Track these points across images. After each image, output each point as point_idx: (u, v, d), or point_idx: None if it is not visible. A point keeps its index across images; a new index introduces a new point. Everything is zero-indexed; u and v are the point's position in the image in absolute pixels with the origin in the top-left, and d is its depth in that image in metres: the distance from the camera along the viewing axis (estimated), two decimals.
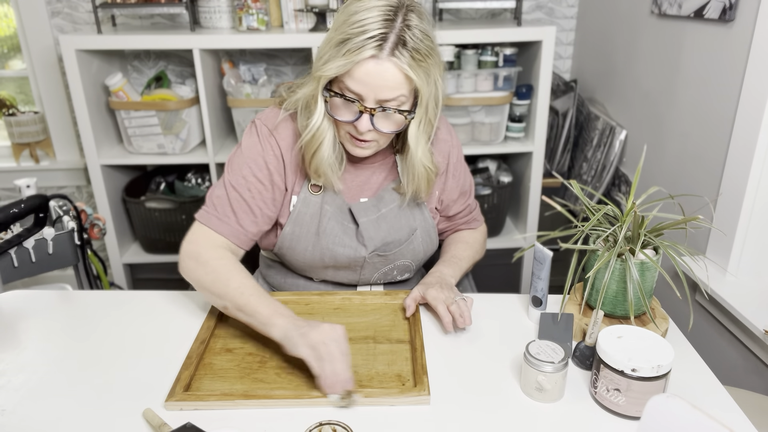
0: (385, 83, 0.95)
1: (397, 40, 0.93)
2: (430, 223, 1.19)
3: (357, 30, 0.93)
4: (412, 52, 0.94)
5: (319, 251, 1.12)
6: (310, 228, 1.12)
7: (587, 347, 0.95)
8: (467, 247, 1.25)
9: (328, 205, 1.11)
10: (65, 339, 1.02)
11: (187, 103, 2.02)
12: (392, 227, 1.14)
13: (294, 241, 1.12)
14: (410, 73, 0.94)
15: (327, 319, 1.07)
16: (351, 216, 1.13)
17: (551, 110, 2.23)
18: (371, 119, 0.98)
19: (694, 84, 1.57)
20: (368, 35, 0.92)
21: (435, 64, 0.99)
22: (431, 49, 0.97)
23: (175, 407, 0.85)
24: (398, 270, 1.20)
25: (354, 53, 0.93)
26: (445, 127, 1.20)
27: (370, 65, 0.94)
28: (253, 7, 1.95)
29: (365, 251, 1.12)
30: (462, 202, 1.26)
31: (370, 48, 0.92)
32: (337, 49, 0.94)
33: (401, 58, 0.93)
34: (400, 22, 0.94)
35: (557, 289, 1.03)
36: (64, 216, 1.54)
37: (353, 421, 0.82)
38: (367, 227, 1.12)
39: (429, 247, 1.21)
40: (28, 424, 0.82)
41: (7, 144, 2.44)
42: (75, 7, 2.22)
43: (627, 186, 1.97)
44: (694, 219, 0.94)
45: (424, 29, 0.96)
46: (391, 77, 0.94)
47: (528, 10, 2.33)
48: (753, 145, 1.33)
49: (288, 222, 1.12)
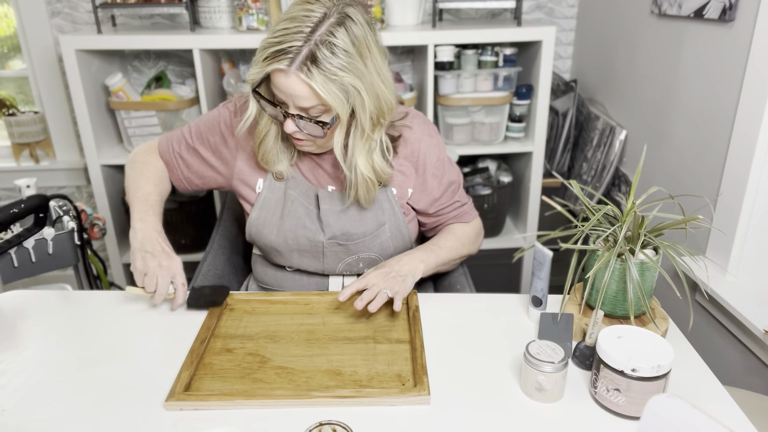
0: (296, 94, 0.98)
1: (308, 55, 0.94)
2: (401, 219, 1.20)
3: (276, 40, 0.95)
4: (323, 68, 0.95)
5: (283, 234, 1.17)
6: (275, 212, 1.17)
7: (587, 347, 0.95)
8: (452, 238, 1.25)
9: (292, 190, 1.17)
10: (65, 339, 1.02)
11: (187, 103, 2.02)
12: (356, 219, 1.16)
13: (260, 225, 1.18)
14: (317, 89, 0.96)
15: (327, 318, 1.07)
16: (316, 201, 1.17)
17: (551, 110, 2.23)
18: (295, 123, 1.02)
19: (694, 84, 1.57)
20: (282, 47, 0.95)
21: (358, 76, 0.97)
22: (350, 63, 0.96)
23: (175, 407, 0.85)
24: (364, 263, 1.21)
25: (267, 62, 0.96)
26: (420, 127, 1.20)
27: (278, 77, 0.97)
28: (253, 7, 1.95)
29: (323, 236, 1.16)
30: (448, 197, 1.25)
31: (281, 61, 0.95)
32: (260, 54, 0.98)
33: (309, 74, 0.95)
34: (318, 36, 0.94)
35: (557, 289, 1.03)
36: (64, 216, 1.54)
37: (353, 421, 0.82)
38: (328, 214, 1.16)
39: (399, 243, 1.22)
40: (28, 424, 0.82)
41: (7, 144, 2.44)
42: (75, 7, 2.22)
43: (627, 186, 1.97)
44: (694, 219, 0.94)
45: (345, 44, 0.95)
46: (300, 90, 0.97)
47: (528, 10, 2.33)
48: (753, 145, 1.33)
49: (254, 207, 1.19)
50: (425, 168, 1.20)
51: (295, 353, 0.97)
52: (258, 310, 1.10)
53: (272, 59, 0.95)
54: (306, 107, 0.99)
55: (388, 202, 1.18)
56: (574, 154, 2.29)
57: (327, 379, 0.91)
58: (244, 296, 1.14)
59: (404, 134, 1.17)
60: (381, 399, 0.86)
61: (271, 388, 0.89)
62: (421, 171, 1.20)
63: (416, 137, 1.18)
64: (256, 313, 1.10)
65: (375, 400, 0.86)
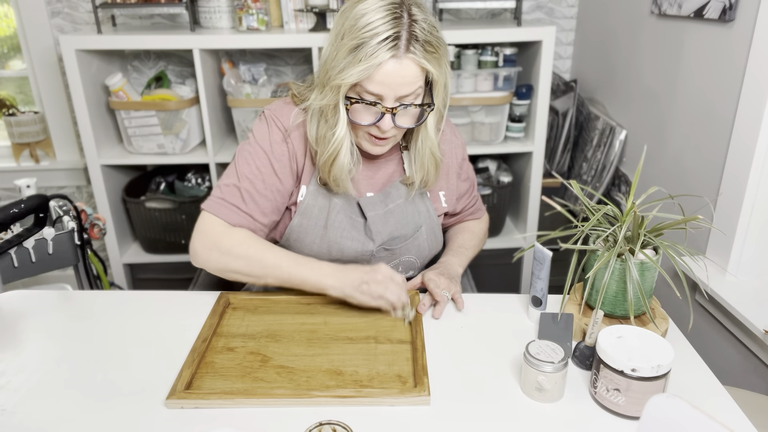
0: (404, 80, 0.97)
1: (409, 36, 0.95)
2: (435, 221, 1.21)
3: (369, 33, 0.94)
4: (424, 44, 0.97)
5: (327, 244, 1.13)
6: (318, 221, 1.13)
7: (587, 347, 0.95)
8: (473, 237, 1.30)
9: (336, 198, 1.13)
10: (65, 339, 1.02)
11: (187, 103, 2.02)
12: (399, 222, 1.16)
13: (302, 233, 1.13)
14: (427, 65, 0.98)
15: (328, 319, 1.07)
16: (359, 210, 1.14)
17: (551, 110, 2.23)
18: (393, 118, 1.01)
19: (694, 84, 1.57)
20: (382, 37, 0.94)
21: (444, 52, 1.02)
22: (439, 38, 1.00)
23: (176, 405, 0.85)
24: (403, 266, 1.21)
25: (372, 57, 0.94)
26: (449, 127, 1.22)
27: (389, 65, 0.96)
28: (253, 7, 1.95)
29: (373, 245, 1.14)
30: (468, 196, 1.30)
31: (387, 49, 0.94)
32: (352, 55, 0.95)
33: (417, 52, 0.96)
34: (407, 18, 0.96)
35: (557, 289, 1.03)
36: (64, 216, 1.54)
37: (353, 421, 0.82)
38: (375, 221, 1.14)
39: (434, 245, 1.22)
40: (28, 424, 0.82)
41: (7, 144, 2.44)
42: (75, 7, 2.22)
43: (627, 186, 1.97)
44: (694, 219, 0.94)
45: (429, 20, 0.99)
46: (410, 73, 0.97)
47: (528, 10, 2.33)
48: (753, 145, 1.33)
49: (296, 214, 1.13)
50: (453, 168, 1.22)
51: (296, 353, 0.97)
52: (260, 309, 1.10)
53: (376, 51, 0.94)
54: (406, 94, 0.99)
55: (423, 204, 1.19)
56: (574, 154, 2.29)
57: (327, 379, 0.91)
58: (247, 295, 1.14)
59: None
60: (381, 399, 0.86)
61: (272, 388, 0.89)
62: (451, 172, 1.22)
63: (446, 138, 1.21)
64: (258, 312, 1.10)
65: (375, 400, 0.86)
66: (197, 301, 1.13)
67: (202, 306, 1.12)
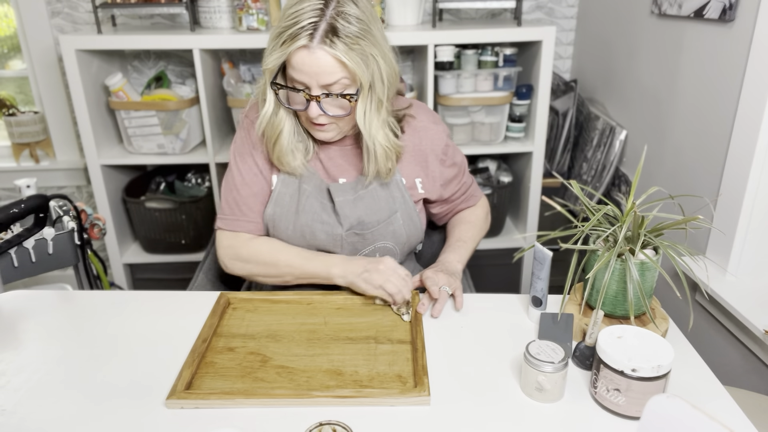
0: (321, 70, 1.00)
1: (328, 28, 0.98)
2: (411, 207, 1.21)
3: (291, 22, 0.98)
4: (343, 37, 0.98)
5: (300, 229, 1.17)
6: (290, 207, 1.17)
7: (587, 347, 0.95)
8: (470, 227, 1.30)
9: (305, 185, 1.17)
10: (65, 339, 1.02)
11: (187, 103, 2.02)
12: (369, 207, 1.17)
13: (276, 220, 1.18)
14: (343, 59, 0.99)
15: (329, 319, 1.07)
16: (329, 195, 1.17)
17: (551, 110, 2.23)
18: (319, 105, 1.04)
19: (694, 84, 1.57)
20: (299, 25, 0.97)
21: (372, 43, 1.02)
22: (365, 31, 1.01)
23: (176, 405, 0.85)
24: (380, 252, 1.22)
25: (287, 44, 0.99)
26: (425, 116, 1.22)
27: (303, 54, 0.99)
28: (253, 7, 1.95)
29: (341, 229, 1.16)
30: (456, 182, 1.29)
31: (302, 38, 0.98)
32: (276, 41, 1.01)
33: (332, 45, 0.98)
34: (332, 10, 0.98)
35: (557, 289, 1.03)
36: (64, 216, 1.54)
37: (353, 421, 0.82)
38: (343, 206, 1.16)
39: (412, 231, 1.22)
40: (28, 424, 0.82)
41: (7, 144, 2.44)
42: (75, 7, 2.22)
43: (627, 186, 1.97)
44: (694, 219, 0.94)
45: (357, 13, 1.00)
46: (325, 64, 0.99)
47: (528, 10, 2.33)
48: (753, 145, 1.33)
49: (269, 203, 1.19)
50: (435, 155, 1.22)
51: (296, 353, 0.97)
52: (260, 309, 1.10)
53: (292, 39, 0.98)
54: (329, 83, 1.01)
55: (398, 190, 1.20)
56: (574, 154, 2.29)
57: (327, 379, 0.91)
58: (247, 295, 1.14)
59: (410, 124, 1.19)
60: (381, 399, 0.86)
61: (272, 388, 0.89)
62: (431, 159, 1.22)
63: (422, 125, 1.21)
64: (258, 312, 1.10)
65: (375, 401, 0.86)
66: (197, 301, 1.14)
67: (202, 306, 1.12)
